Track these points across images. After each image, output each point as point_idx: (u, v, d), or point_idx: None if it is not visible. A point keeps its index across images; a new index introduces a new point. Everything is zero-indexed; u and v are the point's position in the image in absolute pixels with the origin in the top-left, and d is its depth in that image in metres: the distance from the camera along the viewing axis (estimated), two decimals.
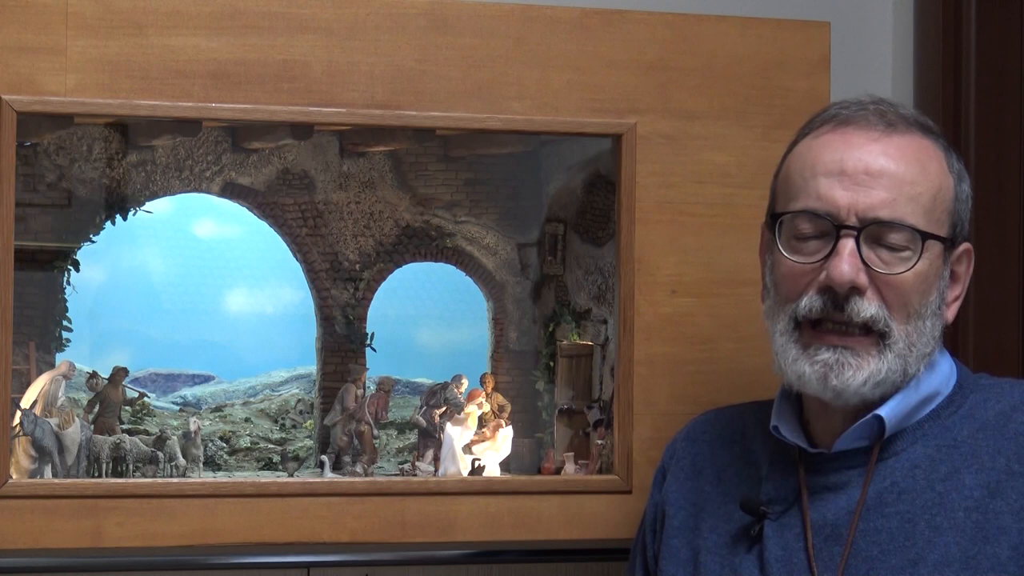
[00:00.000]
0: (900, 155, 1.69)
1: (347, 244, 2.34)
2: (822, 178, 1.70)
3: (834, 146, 1.71)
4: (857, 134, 1.71)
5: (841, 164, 1.69)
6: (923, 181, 1.69)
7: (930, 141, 1.73)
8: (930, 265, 1.69)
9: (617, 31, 2.14)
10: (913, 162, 1.69)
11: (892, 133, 1.70)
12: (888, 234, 1.67)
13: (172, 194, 2.27)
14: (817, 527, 1.72)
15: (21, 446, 2.09)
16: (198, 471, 2.21)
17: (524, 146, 2.32)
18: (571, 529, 2.14)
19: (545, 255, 2.39)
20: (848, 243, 1.66)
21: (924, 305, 1.69)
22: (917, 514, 1.67)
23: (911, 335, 1.68)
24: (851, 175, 1.68)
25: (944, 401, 1.74)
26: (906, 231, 1.67)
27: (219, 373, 2.38)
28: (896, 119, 1.72)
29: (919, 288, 1.68)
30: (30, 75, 1.97)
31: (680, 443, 1.94)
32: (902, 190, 1.67)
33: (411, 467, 2.29)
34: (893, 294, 1.67)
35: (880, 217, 1.66)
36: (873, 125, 1.71)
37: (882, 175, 1.68)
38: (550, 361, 2.38)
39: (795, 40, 2.19)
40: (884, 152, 1.69)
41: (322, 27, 2.06)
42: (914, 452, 1.71)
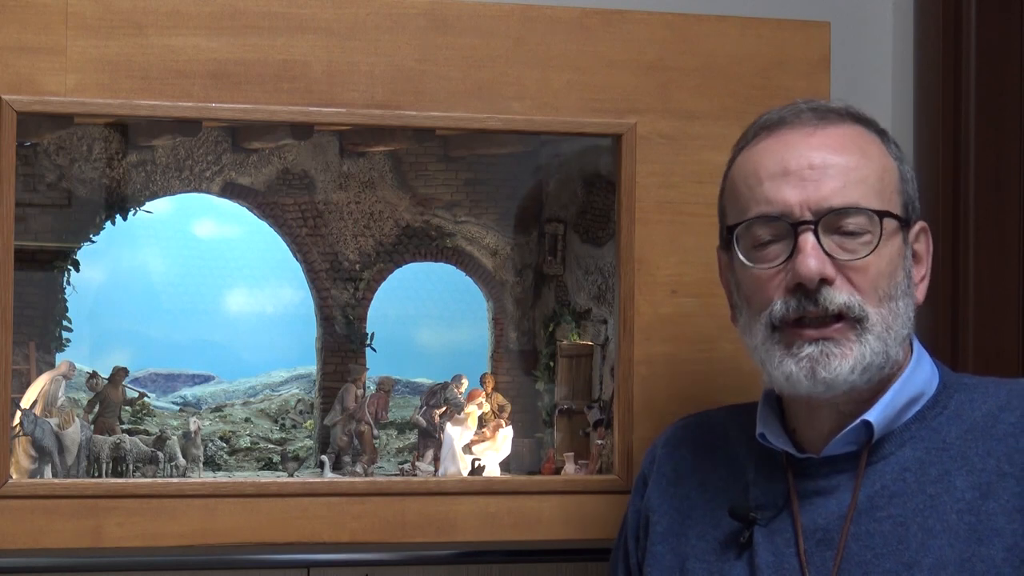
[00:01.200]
0: (839, 144, 1.70)
1: (347, 244, 2.34)
2: (768, 182, 1.70)
3: (773, 149, 1.71)
4: (792, 133, 1.72)
5: (784, 164, 1.69)
6: (866, 165, 1.70)
7: (864, 128, 1.74)
8: (892, 245, 1.69)
9: (617, 31, 2.14)
10: (853, 148, 1.70)
11: (826, 125, 1.71)
12: (844, 221, 1.67)
13: (172, 194, 2.27)
14: (808, 532, 1.71)
15: (21, 446, 2.09)
16: (198, 471, 2.21)
17: (524, 146, 2.32)
18: (571, 529, 2.14)
19: (545, 255, 2.39)
20: (808, 238, 1.66)
21: (894, 286, 1.69)
22: (909, 517, 1.67)
23: (886, 317, 1.68)
24: (796, 172, 1.68)
25: (929, 402, 1.74)
26: (862, 214, 1.67)
27: (219, 373, 2.38)
28: (827, 112, 1.73)
29: (886, 270, 1.68)
30: (30, 75, 1.98)
31: (660, 449, 1.93)
32: (848, 176, 1.68)
33: (411, 467, 2.29)
34: (862, 279, 1.67)
35: (833, 205, 1.67)
36: (806, 122, 1.72)
37: (826, 166, 1.68)
38: (550, 361, 2.38)
39: (795, 40, 2.19)
40: (822, 144, 1.70)
41: (322, 27, 2.06)
42: (903, 455, 1.71)
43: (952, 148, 2.35)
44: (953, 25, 2.35)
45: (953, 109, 2.35)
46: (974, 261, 2.33)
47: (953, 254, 2.34)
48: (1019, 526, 1.64)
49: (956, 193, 2.35)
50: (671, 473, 1.89)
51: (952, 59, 2.35)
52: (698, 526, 1.81)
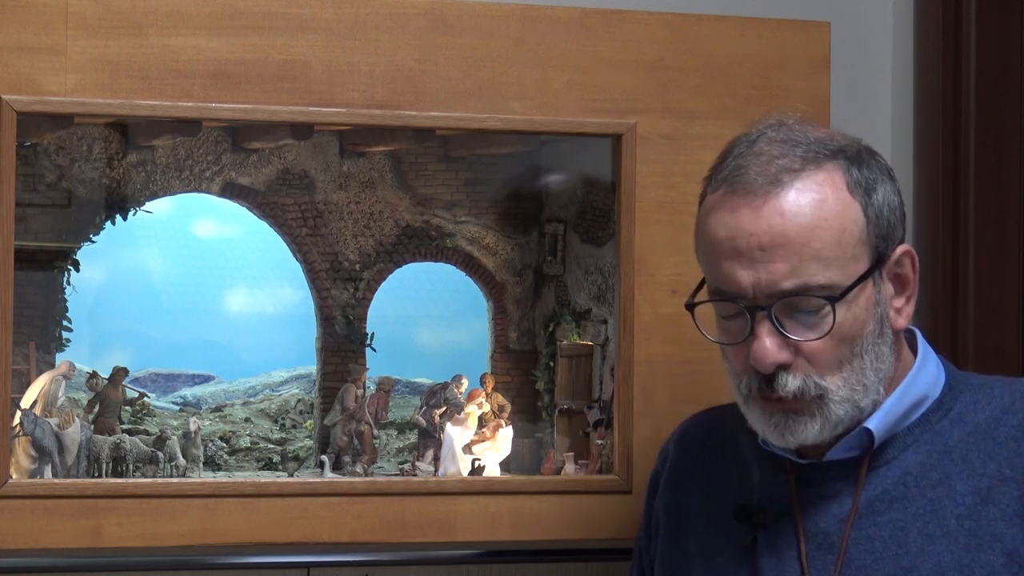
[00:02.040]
0: (789, 214, 1.62)
1: (347, 244, 2.34)
2: (723, 260, 1.65)
3: (724, 222, 1.65)
4: (742, 202, 1.64)
5: (735, 243, 1.64)
6: (819, 235, 1.62)
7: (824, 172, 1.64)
8: (858, 304, 1.64)
9: (617, 31, 2.14)
10: (804, 217, 1.62)
11: (775, 190, 1.63)
12: (799, 302, 1.63)
13: (172, 194, 2.27)
14: (810, 536, 1.71)
15: (21, 446, 2.09)
16: (198, 471, 2.21)
17: (524, 146, 2.32)
18: (571, 529, 2.14)
19: (545, 255, 2.39)
20: (764, 325, 1.63)
21: (858, 344, 1.65)
22: (909, 522, 1.67)
23: (849, 379, 1.65)
24: (746, 253, 1.63)
25: (934, 404, 1.73)
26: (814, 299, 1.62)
27: (219, 373, 2.38)
28: (779, 169, 1.64)
29: (851, 334, 1.64)
30: (30, 75, 1.98)
31: (672, 447, 1.93)
32: (801, 253, 1.62)
33: (411, 467, 2.29)
34: (821, 357, 1.64)
35: (784, 289, 1.62)
36: (755, 188, 1.64)
37: (775, 246, 1.62)
38: (550, 361, 2.38)
39: (795, 40, 2.19)
40: (771, 218, 1.62)
41: (322, 27, 2.06)
42: (905, 459, 1.70)
43: (952, 148, 2.34)
44: (953, 25, 2.34)
45: (953, 109, 2.35)
46: (974, 261, 2.33)
47: (953, 254, 2.34)
48: (1019, 532, 1.63)
49: (956, 193, 2.35)
50: (681, 472, 1.89)
51: (952, 59, 2.35)
52: (705, 526, 1.81)
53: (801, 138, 1.67)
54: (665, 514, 1.88)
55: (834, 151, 1.67)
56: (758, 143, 1.67)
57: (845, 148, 1.68)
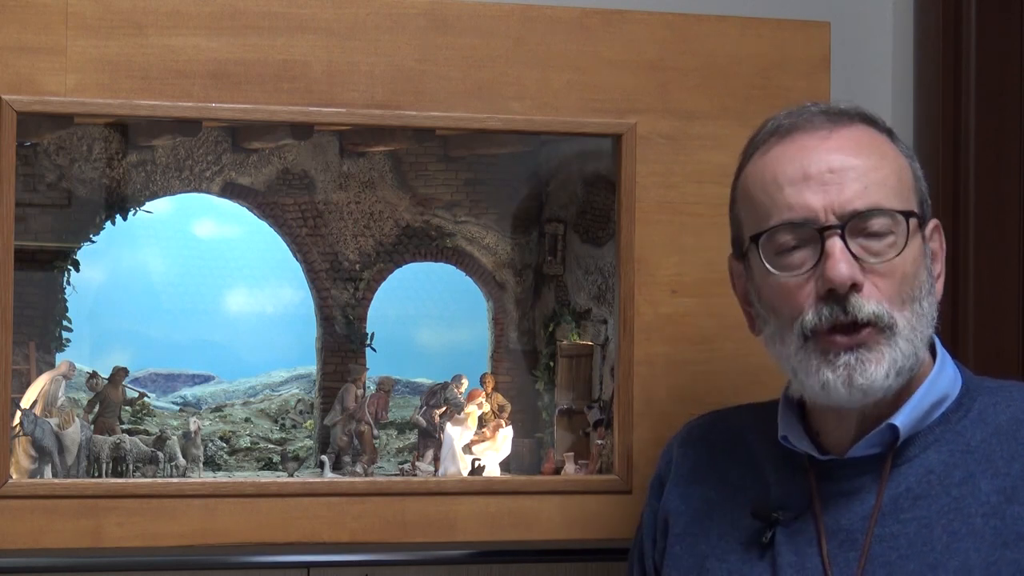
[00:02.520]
0: (855, 146, 1.70)
1: (347, 244, 2.34)
2: (788, 188, 1.69)
3: (789, 155, 1.71)
4: (806, 137, 1.71)
5: (804, 169, 1.68)
6: (884, 165, 1.70)
7: (874, 129, 1.74)
8: (914, 245, 1.69)
9: (617, 31, 2.14)
10: (869, 150, 1.70)
11: (840, 127, 1.71)
12: (870, 223, 1.67)
13: (172, 194, 2.27)
14: (831, 533, 1.70)
15: (21, 446, 2.09)
16: (198, 471, 2.21)
17: (524, 146, 2.32)
18: (571, 529, 2.14)
19: (545, 255, 2.39)
20: (836, 243, 1.66)
21: (918, 287, 1.69)
22: (934, 519, 1.67)
23: (911, 320, 1.68)
24: (816, 177, 1.68)
25: (953, 404, 1.74)
26: (886, 215, 1.67)
27: (219, 373, 2.38)
28: (837, 114, 1.73)
29: (911, 271, 1.68)
30: (30, 75, 1.98)
31: (677, 449, 1.93)
32: (869, 177, 1.68)
33: (411, 467, 2.29)
34: (888, 283, 1.67)
35: (857, 208, 1.66)
36: (818, 125, 1.71)
37: (845, 169, 1.68)
38: (550, 361, 2.38)
39: (795, 40, 2.19)
40: (839, 147, 1.69)
41: (322, 27, 2.06)
42: (927, 458, 1.70)
43: (952, 148, 2.35)
44: (953, 25, 2.35)
45: (953, 109, 2.35)
46: (974, 261, 2.33)
47: (953, 254, 2.33)
48: None
49: (956, 193, 2.35)
50: (689, 473, 1.89)
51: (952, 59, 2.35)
52: (718, 526, 1.81)
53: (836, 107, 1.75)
54: (674, 515, 1.87)
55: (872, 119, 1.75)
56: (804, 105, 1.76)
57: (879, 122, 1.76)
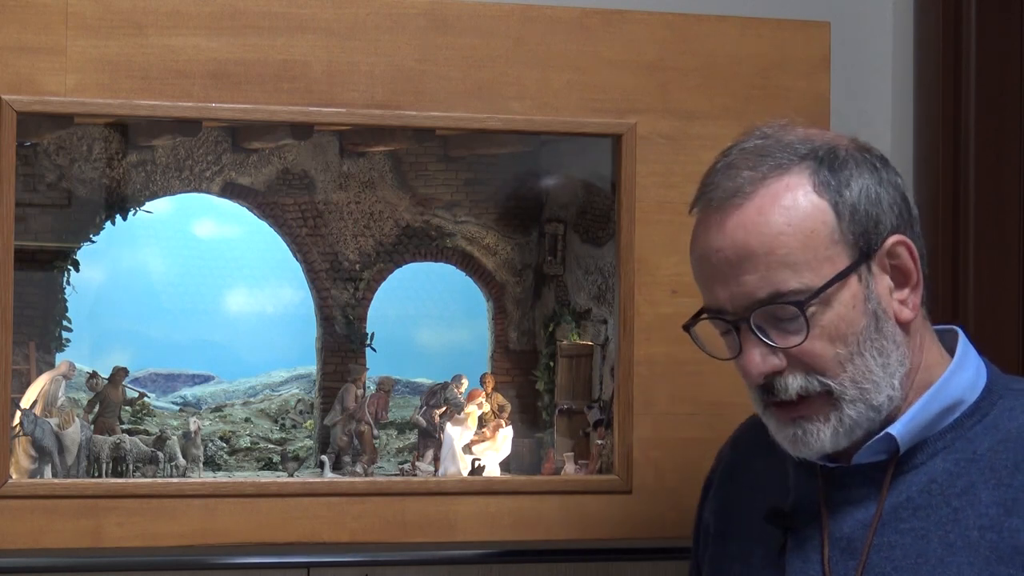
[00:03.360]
0: (751, 226, 1.63)
1: (347, 244, 2.34)
2: (703, 279, 1.68)
3: (699, 241, 1.67)
4: (711, 219, 1.66)
5: (708, 261, 1.66)
6: (784, 240, 1.62)
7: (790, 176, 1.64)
8: (838, 307, 1.63)
9: (617, 31, 2.14)
10: (766, 226, 1.62)
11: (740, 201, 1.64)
12: (776, 310, 1.63)
13: (172, 194, 2.27)
14: (834, 540, 1.69)
15: (21, 446, 2.09)
16: (198, 471, 2.21)
17: (524, 146, 2.32)
18: (571, 529, 2.14)
19: (545, 255, 2.39)
20: (748, 337, 1.64)
21: (854, 342, 1.63)
22: (931, 531, 1.64)
23: (856, 376, 1.64)
24: (718, 269, 1.65)
25: (969, 409, 1.70)
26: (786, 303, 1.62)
27: (219, 373, 2.38)
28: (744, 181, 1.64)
29: (836, 337, 1.63)
30: (30, 75, 1.98)
31: (726, 450, 1.93)
32: (768, 261, 1.62)
33: (411, 467, 2.29)
34: (817, 359, 1.63)
35: (758, 298, 1.62)
36: (722, 201, 1.65)
37: (741, 259, 1.62)
38: (550, 361, 2.38)
39: (795, 40, 2.19)
40: (734, 232, 1.63)
41: (322, 27, 2.06)
42: (933, 466, 1.67)
43: (952, 148, 2.35)
44: (953, 25, 2.35)
45: (953, 109, 2.35)
46: (974, 261, 2.33)
47: (953, 254, 2.34)
48: None
49: (956, 193, 2.35)
50: (730, 474, 1.89)
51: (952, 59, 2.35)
52: (743, 528, 1.81)
53: (772, 146, 1.67)
54: (714, 516, 1.87)
55: (803, 155, 1.66)
56: (731, 154, 1.69)
57: (817, 149, 1.67)
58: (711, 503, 1.89)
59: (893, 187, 1.69)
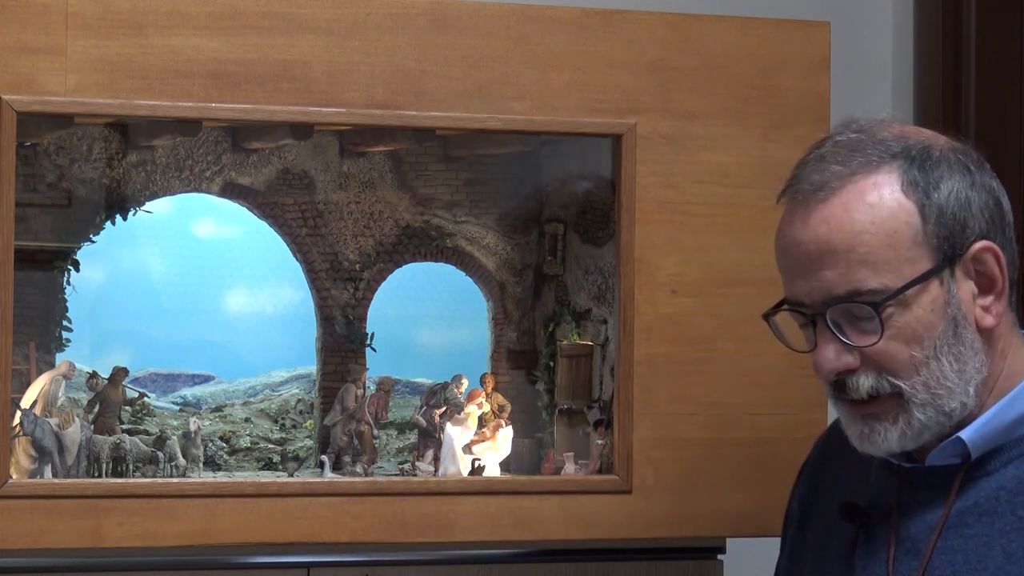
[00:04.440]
0: (835, 221, 1.62)
1: (347, 244, 2.34)
2: (785, 272, 1.68)
3: (784, 234, 1.68)
4: (795, 213, 1.66)
5: (789, 254, 1.66)
6: (866, 238, 1.62)
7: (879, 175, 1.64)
8: (917, 310, 1.63)
9: (617, 31, 2.14)
10: (849, 223, 1.62)
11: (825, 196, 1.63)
12: (853, 308, 1.62)
13: (172, 194, 2.27)
14: (900, 540, 1.68)
15: (21, 446, 2.09)
16: (198, 471, 2.20)
17: (524, 146, 2.33)
18: (571, 529, 2.14)
19: (545, 255, 2.39)
20: (824, 332, 1.64)
21: (930, 348, 1.63)
22: (994, 538, 1.62)
23: (928, 382, 1.63)
24: (799, 263, 1.65)
25: None
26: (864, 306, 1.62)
27: (219, 373, 2.38)
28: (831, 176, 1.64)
29: (911, 340, 1.62)
30: (30, 75, 1.97)
31: (821, 440, 1.91)
32: (848, 259, 1.62)
33: (411, 467, 2.29)
34: (890, 360, 1.63)
35: (836, 295, 1.62)
36: (807, 195, 1.65)
37: (822, 253, 1.62)
38: (550, 361, 2.38)
39: (795, 40, 2.19)
40: (817, 227, 1.63)
41: (322, 27, 2.06)
42: (1004, 474, 1.65)
43: None
44: (953, 25, 2.35)
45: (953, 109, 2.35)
46: None
47: None
48: None
49: None
50: (821, 463, 1.88)
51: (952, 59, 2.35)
52: (822, 518, 1.81)
53: (866, 141, 1.67)
54: (799, 504, 1.87)
55: (895, 153, 1.66)
56: (825, 146, 1.68)
57: (910, 148, 1.66)
58: (799, 490, 1.89)
59: (987, 191, 1.68)
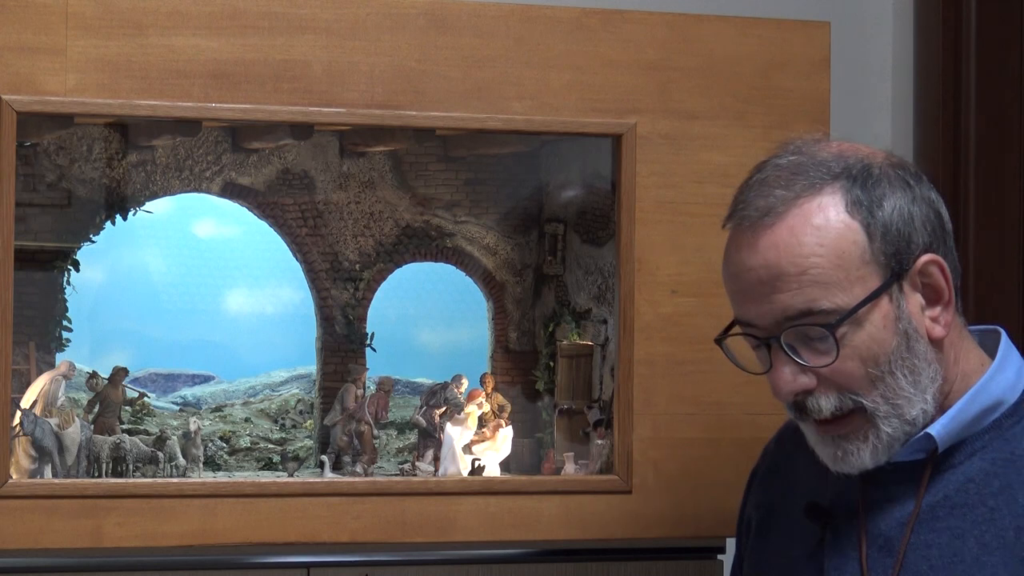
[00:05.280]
0: (783, 246, 1.63)
1: (347, 244, 2.34)
2: (733, 296, 1.69)
3: (731, 259, 1.68)
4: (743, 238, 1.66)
5: (739, 279, 1.67)
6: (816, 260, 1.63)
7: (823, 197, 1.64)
8: (870, 328, 1.64)
9: (617, 31, 2.14)
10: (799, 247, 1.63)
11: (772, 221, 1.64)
12: (805, 330, 1.63)
13: (172, 194, 2.27)
14: (872, 538, 1.69)
15: (21, 446, 2.09)
16: (198, 471, 2.20)
17: (524, 146, 2.33)
18: (571, 529, 2.14)
19: (545, 255, 2.39)
20: (778, 354, 1.64)
21: (885, 364, 1.64)
22: (967, 530, 1.64)
23: (886, 395, 1.64)
24: (750, 287, 1.65)
25: (1008, 410, 1.69)
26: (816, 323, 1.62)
27: (219, 373, 2.38)
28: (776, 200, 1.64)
29: (867, 357, 1.63)
30: (30, 75, 1.97)
31: (771, 445, 1.93)
32: (800, 281, 1.63)
33: (411, 467, 2.29)
34: (847, 379, 1.64)
35: (789, 315, 1.63)
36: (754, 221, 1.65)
37: (772, 278, 1.63)
38: (550, 361, 2.38)
39: (795, 40, 2.19)
40: (766, 252, 1.64)
41: (322, 27, 2.06)
42: (970, 466, 1.67)
43: (952, 148, 2.35)
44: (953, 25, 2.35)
45: (953, 109, 2.35)
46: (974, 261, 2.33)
47: None
48: None
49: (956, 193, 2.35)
50: (773, 469, 1.89)
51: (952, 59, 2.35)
52: (783, 523, 1.81)
53: (807, 163, 1.67)
54: (756, 510, 1.88)
55: (836, 173, 1.66)
56: (765, 170, 1.69)
57: (851, 167, 1.67)
58: (754, 497, 1.90)
59: (927, 203, 1.69)
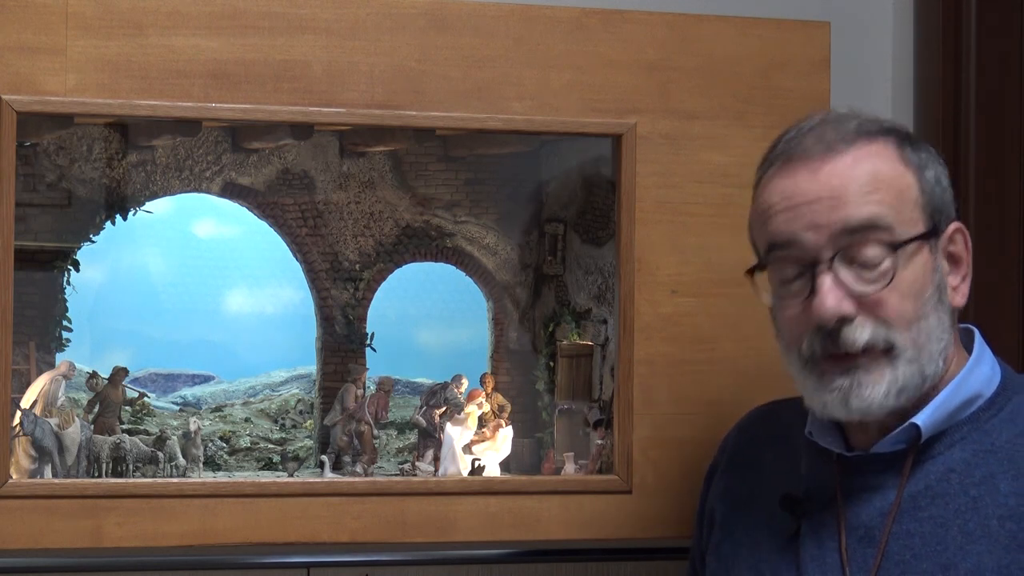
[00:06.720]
0: (846, 174, 1.66)
1: (347, 244, 2.34)
2: (779, 216, 1.68)
3: (782, 186, 1.69)
4: (800, 168, 1.68)
5: (793, 201, 1.67)
6: (878, 189, 1.66)
7: (878, 144, 1.69)
8: (916, 265, 1.67)
9: (617, 31, 2.14)
10: (861, 175, 1.66)
11: (832, 156, 1.67)
12: (860, 251, 1.65)
13: (172, 194, 2.27)
14: (851, 528, 1.70)
15: (21, 446, 2.09)
16: (198, 471, 2.21)
17: (524, 146, 2.33)
18: (571, 529, 2.14)
19: (545, 255, 2.39)
20: (824, 279, 1.65)
21: (922, 305, 1.66)
22: (950, 519, 1.65)
23: (917, 339, 1.66)
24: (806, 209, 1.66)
25: (985, 403, 1.72)
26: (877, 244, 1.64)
27: (219, 373, 2.38)
28: (835, 139, 1.68)
29: (910, 292, 1.66)
30: (30, 75, 1.98)
31: (732, 437, 1.94)
32: (866, 198, 1.65)
33: (411, 467, 2.29)
34: (884, 310, 1.65)
35: (848, 225, 1.64)
36: (812, 155, 1.68)
37: (833, 197, 1.65)
38: (550, 361, 2.38)
39: (795, 40, 2.19)
40: (828, 178, 1.66)
41: (322, 27, 2.06)
42: (951, 456, 1.69)
43: (952, 148, 2.35)
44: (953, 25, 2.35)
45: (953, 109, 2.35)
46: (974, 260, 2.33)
47: None
48: None
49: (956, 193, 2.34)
50: (736, 461, 1.89)
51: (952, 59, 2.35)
52: (751, 515, 1.82)
53: (855, 117, 1.72)
54: (719, 502, 1.88)
55: (887, 129, 1.71)
56: (810, 121, 1.72)
57: (898, 129, 1.73)
58: (716, 489, 1.89)
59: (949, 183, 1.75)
